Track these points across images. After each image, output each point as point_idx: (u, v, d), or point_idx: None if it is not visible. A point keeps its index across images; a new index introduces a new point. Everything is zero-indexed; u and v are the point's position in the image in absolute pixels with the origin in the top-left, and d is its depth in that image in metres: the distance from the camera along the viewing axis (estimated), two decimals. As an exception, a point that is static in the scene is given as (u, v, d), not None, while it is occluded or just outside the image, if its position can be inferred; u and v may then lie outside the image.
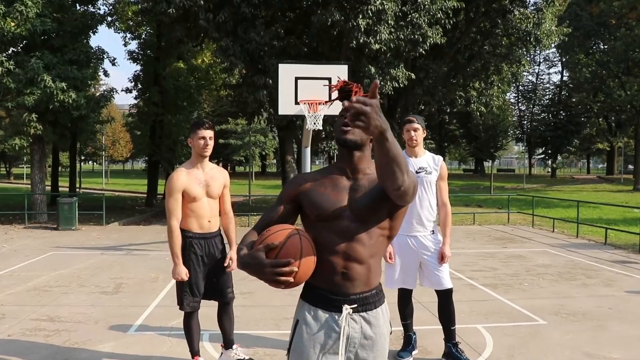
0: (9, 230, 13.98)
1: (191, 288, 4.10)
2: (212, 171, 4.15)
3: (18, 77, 14.38)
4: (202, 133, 3.99)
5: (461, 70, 20.79)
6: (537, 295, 7.00)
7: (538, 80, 57.89)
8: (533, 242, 12.23)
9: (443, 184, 4.52)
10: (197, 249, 4.08)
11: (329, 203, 2.11)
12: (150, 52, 24.68)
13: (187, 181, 4.00)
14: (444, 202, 4.51)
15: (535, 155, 61.39)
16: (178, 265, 4.02)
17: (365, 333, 2.12)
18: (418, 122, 4.42)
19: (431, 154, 4.56)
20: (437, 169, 4.46)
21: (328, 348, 2.11)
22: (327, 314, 2.10)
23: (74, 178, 21.94)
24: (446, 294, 4.45)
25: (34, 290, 7.17)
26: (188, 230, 4.08)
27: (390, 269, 4.51)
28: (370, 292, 2.12)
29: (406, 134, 4.43)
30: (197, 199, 4.03)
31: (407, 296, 4.67)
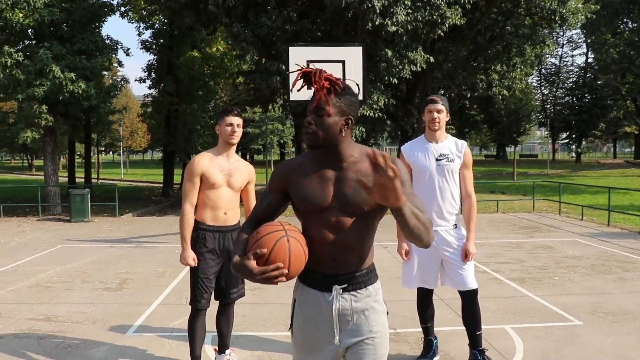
0: (22, 223, 13.79)
1: (202, 282, 3.80)
2: (238, 163, 3.88)
3: (27, 69, 14.12)
4: (230, 120, 3.74)
5: (482, 52, 20.10)
6: (570, 291, 6.47)
7: (561, 62, 56.39)
8: (561, 231, 11.63)
9: (467, 173, 4.02)
10: (210, 242, 3.78)
11: (314, 197, 2.10)
12: (163, 41, 24.35)
13: (208, 165, 3.73)
14: (469, 193, 4.01)
15: (559, 140, 60.06)
16: (185, 250, 3.75)
17: (357, 311, 2.15)
18: (442, 103, 3.93)
19: (454, 138, 4.04)
20: (461, 155, 3.96)
21: (324, 326, 2.17)
22: (319, 293, 2.16)
23: (89, 169, 21.77)
24: (471, 295, 3.96)
25: (36, 287, 6.86)
26: (201, 222, 3.81)
27: (407, 266, 4.06)
28: (360, 272, 2.16)
29: (427, 115, 3.94)
30: (216, 186, 3.74)
31: (428, 297, 4.20)
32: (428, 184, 3.90)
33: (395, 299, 6.05)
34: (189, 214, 3.75)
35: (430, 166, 3.90)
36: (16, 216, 15.24)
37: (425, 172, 3.91)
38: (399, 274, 7.31)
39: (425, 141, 4.01)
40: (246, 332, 5.05)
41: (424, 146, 3.97)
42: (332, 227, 2.09)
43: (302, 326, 2.21)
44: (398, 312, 5.61)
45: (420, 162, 3.93)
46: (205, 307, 3.84)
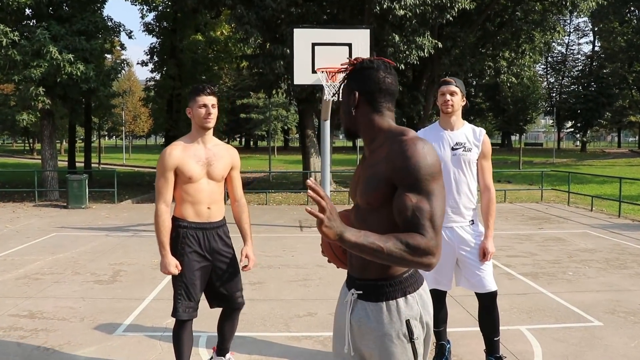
0: (17, 209, 13.48)
1: (186, 289, 3.30)
2: (217, 148, 3.36)
3: (24, 49, 13.72)
4: (203, 100, 3.22)
5: (491, 38, 19.62)
6: (586, 288, 6.13)
7: (568, 50, 55.70)
8: (571, 222, 11.27)
9: (486, 164, 3.65)
10: (193, 241, 3.30)
11: (351, 186, 2.01)
12: (167, 24, 23.91)
13: (182, 157, 3.24)
14: (487, 186, 3.65)
15: (564, 128, 59.48)
16: (164, 257, 3.24)
17: (363, 325, 1.86)
18: (456, 85, 3.55)
19: (471, 125, 3.67)
20: (479, 144, 3.59)
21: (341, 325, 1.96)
22: (345, 289, 1.99)
23: (89, 154, 21.42)
24: (489, 297, 3.59)
25: (24, 279, 6.54)
26: (182, 218, 3.31)
27: None
28: (375, 283, 1.83)
29: (440, 97, 3.57)
30: (193, 180, 3.25)
31: (441, 298, 3.83)
32: (444, 176, 3.51)
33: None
34: (164, 215, 3.25)
35: (445, 156, 3.55)
36: (12, 201, 14.93)
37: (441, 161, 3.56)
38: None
39: (439, 128, 3.64)
40: (243, 332, 4.71)
41: (438, 134, 3.60)
42: (353, 221, 1.92)
43: (335, 316, 2.05)
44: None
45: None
46: (191, 318, 3.37)
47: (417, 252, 1.61)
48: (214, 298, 3.48)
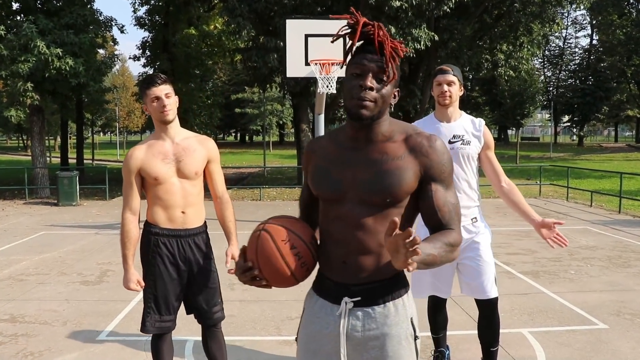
0: (7, 207, 13.22)
1: (157, 303, 3.00)
2: (187, 141, 2.97)
3: (11, 44, 13.43)
4: (154, 92, 2.85)
5: (488, 31, 19.38)
6: (589, 287, 5.93)
7: (565, 44, 55.44)
8: (571, 218, 11.08)
9: (492, 155, 3.34)
10: (166, 250, 2.96)
11: (328, 181, 1.72)
12: (159, 18, 23.56)
13: (144, 157, 2.91)
14: (500, 175, 3.30)
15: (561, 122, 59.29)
16: (126, 272, 2.95)
17: (369, 333, 1.71)
18: (454, 74, 3.24)
19: (470, 116, 3.36)
20: (480, 135, 3.29)
21: (329, 345, 1.75)
22: (328, 305, 1.76)
23: (81, 150, 21.14)
24: (489, 305, 3.30)
25: (8, 280, 6.31)
26: (154, 224, 2.97)
27: (417, 272, 3.41)
28: (379, 283, 1.70)
29: (436, 88, 3.25)
30: (161, 181, 2.90)
31: (441, 305, 3.59)
32: None
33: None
34: (129, 225, 2.94)
35: None
36: (2, 199, 14.67)
37: None
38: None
39: (435, 120, 3.33)
40: (232, 336, 4.49)
41: (434, 126, 3.29)
42: (346, 221, 1.69)
43: (305, 341, 1.83)
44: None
45: None
46: (165, 331, 3.08)
47: (454, 248, 1.63)
48: (191, 307, 3.17)
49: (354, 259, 1.69)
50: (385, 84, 1.64)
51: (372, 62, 1.61)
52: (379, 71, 1.61)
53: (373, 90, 1.62)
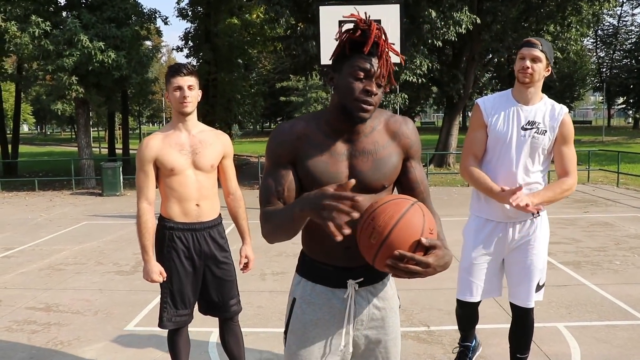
0: (54, 197, 13.66)
1: (173, 297, 2.99)
2: (203, 135, 2.96)
3: (56, 39, 13.79)
4: (177, 82, 2.83)
5: (534, 12, 18.62)
6: (634, 280, 5.62)
7: (620, 22, 53.07)
8: (620, 205, 10.59)
9: (567, 151, 2.91)
10: (181, 244, 2.94)
11: (327, 174, 1.74)
12: (201, 9, 23.79)
13: (161, 147, 2.87)
14: (569, 171, 2.92)
15: (615, 105, 57.01)
16: (147, 263, 2.91)
17: (374, 310, 1.86)
18: (542, 49, 2.81)
19: (552, 102, 2.94)
20: (556, 126, 2.87)
21: (332, 329, 1.83)
22: (329, 290, 1.82)
23: (127, 141, 21.63)
24: (524, 311, 3.06)
25: (47, 269, 6.49)
26: (168, 218, 2.95)
27: (469, 272, 3.05)
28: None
29: (518, 62, 2.85)
30: (177, 172, 2.88)
31: (474, 308, 3.20)
32: (505, 158, 2.89)
33: (430, 287, 5.36)
34: (147, 215, 2.89)
35: (511, 134, 2.87)
36: (52, 189, 15.16)
37: (504, 142, 2.88)
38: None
39: (512, 100, 2.93)
40: (258, 327, 4.47)
41: (509, 106, 2.91)
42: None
43: (302, 331, 1.85)
44: (433, 305, 4.92)
45: (500, 128, 2.89)
46: (182, 325, 3.07)
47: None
48: (206, 306, 3.13)
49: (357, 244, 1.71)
50: (382, 88, 1.72)
51: (374, 67, 1.66)
52: (379, 76, 1.68)
53: (376, 95, 1.69)
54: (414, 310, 4.81)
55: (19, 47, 13.81)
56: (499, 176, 2.90)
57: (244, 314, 4.70)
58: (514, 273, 3.01)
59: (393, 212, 1.55)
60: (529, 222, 2.94)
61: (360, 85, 1.66)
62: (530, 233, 2.95)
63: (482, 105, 2.98)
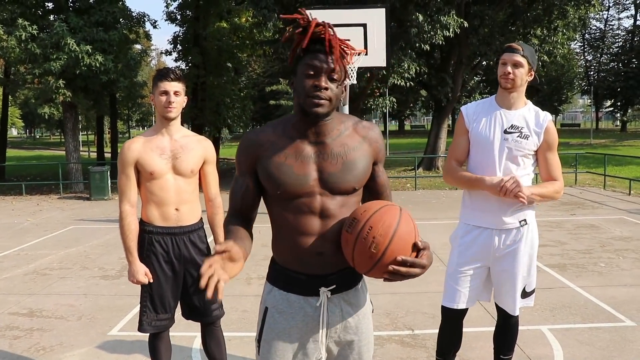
0: (42, 201, 13.55)
1: (153, 301, 2.98)
2: (185, 139, 2.98)
3: (43, 42, 13.72)
4: (164, 86, 2.85)
5: (521, 16, 18.76)
6: (618, 282, 5.66)
7: (607, 26, 53.54)
8: (606, 207, 10.67)
9: (552, 157, 2.91)
10: (160, 248, 2.94)
11: (292, 178, 1.74)
12: (189, 12, 23.74)
13: (142, 150, 2.89)
14: (555, 177, 2.93)
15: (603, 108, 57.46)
16: (132, 264, 2.92)
17: (347, 316, 1.85)
18: (523, 54, 2.82)
19: (536, 108, 2.94)
20: (541, 132, 2.86)
21: (306, 338, 1.83)
22: (302, 299, 1.81)
23: (115, 145, 21.52)
24: (510, 315, 3.06)
25: (32, 274, 6.43)
26: (148, 222, 2.96)
27: (454, 279, 2.98)
28: (350, 269, 1.79)
29: (500, 67, 2.86)
30: (156, 176, 2.89)
31: (459, 318, 3.07)
32: (487, 161, 2.87)
33: (415, 290, 5.38)
34: (129, 217, 2.91)
35: (493, 139, 2.85)
36: (39, 194, 15.05)
37: (486, 146, 2.87)
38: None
39: (494, 104, 2.94)
40: (242, 332, 4.46)
41: (491, 110, 2.92)
42: (317, 214, 1.76)
43: (275, 340, 1.83)
44: (418, 309, 4.93)
45: (481, 132, 2.89)
46: (162, 330, 3.07)
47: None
48: (188, 311, 3.12)
49: (330, 249, 1.76)
50: (337, 82, 1.72)
51: (324, 63, 1.68)
52: (330, 71, 1.69)
53: (327, 89, 1.69)
54: (399, 314, 4.81)
55: (6, 51, 13.74)
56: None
57: (228, 318, 4.70)
58: (500, 281, 2.99)
59: (390, 220, 1.64)
60: (515, 230, 2.91)
61: (310, 82, 1.69)
62: (516, 241, 2.91)
63: (464, 111, 3.00)
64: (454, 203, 11.54)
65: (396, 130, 64.35)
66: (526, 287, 2.99)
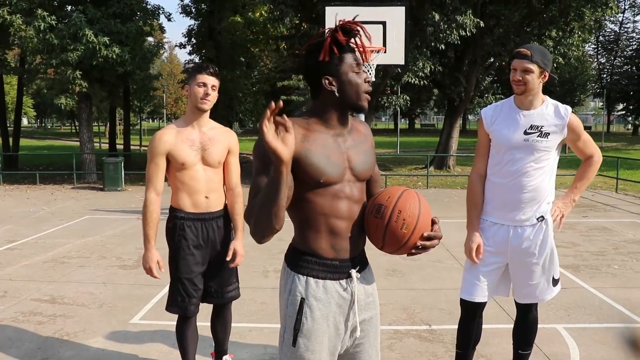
0: (56, 191, 13.70)
1: (183, 285, 3.09)
2: (213, 131, 3.11)
3: (61, 33, 13.83)
4: (203, 78, 2.98)
5: (536, 16, 18.70)
6: (632, 284, 5.69)
7: (622, 29, 53.19)
8: (619, 210, 10.67)
9: (583, 142, 3.01)
10: (191, 233, 3.08)
11: (333, 166, 1.86)
12: (205, 6, 23.83)
13: (174, 142, 3.01)
14: (591, 154, 3.06)
15: (614, 111, 57.16)
16: (148, 250, 3.06)
17: (367, 292, 2.00)
18: (534, 60, 2.83)
19: (555, 103, 2.97)
20: (564, 125, 2.90)
21: (339, 320, 1.92)
22: (336, 283, 1.90)
23: (128, 136, 21.66)
24: (528, 307, 3.15)
25: (51, 262, 6.54)
26: (179, 209, 3.10)
27: (472, 272, 3.06)
28: (363, 250, 2.01)
29: (512, 74, 2.91)
30: (187, 166, 3.03)
31: (477, 312, 3.12)
32: (509, 164, 2.94)
33: (431, 287, 5.44)
34: (153, 205, 3.03)
35: (514, 140, 2.91)
36: (53, 183, 15.21)
37: (507, 148, 2.93)
38: (438, 256, 6.68)
39: (513, 107, 2.98)
40: (262, 323, 4.53)
41: (511, 114, 2.97)
42: (349, 198, 1.89)
43: (314, 328, 1.88)
44: (435, 304, 4.99)
45: (502, 134, 2.95)
46: (192, 314, 3.18)
47: None
48: (204, 294, 3.23)
49: (356, 232, 1.92)
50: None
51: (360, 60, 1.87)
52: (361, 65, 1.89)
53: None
54: (416, 309, 4.87)
55: (24, 41, 13.89)
56: (505, 179, 2.96)
57: (248, 309, 4.79)
58: (520, 276, 3.04)
59: (412, 202, 1.85)
60: (533, 227, 2.96)
61: (361, 77, 1.85)
62: (534, 237, 2.95)
63: (484, 115, 3.08)
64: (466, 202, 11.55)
65: (406, 128, 64.29)
66: (554, 274, 3.05)
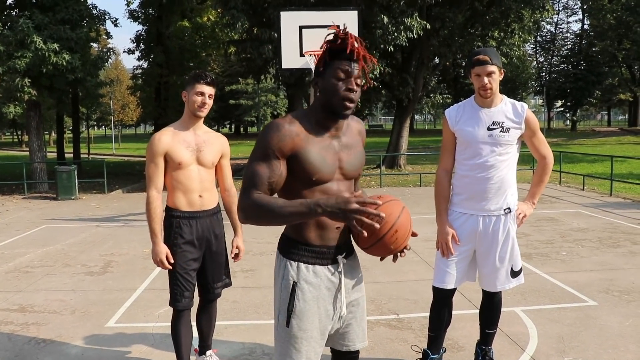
0: (6, 202, 13.33)
1: (182, 278, 3.27)
2: (207, 135, 3.34)
3: (7, 39, 13.46)
4: (201, 88, 3.18)
5: (479, 18, 19.45)
6: (579, 267, 6.13)
7: (557, 29, 55.55)
8: (563, 202, 11.29)
9: (537, 139, 3.27)
10: (186, 230, 3.26)
11: (327, 165, 2.04)
12: (152, 11, 23.57)
13: (171, 143, 3.20)
14: (543, 155, 3.32)
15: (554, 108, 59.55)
16: (156, 245, 3.20)
17: (354, 276, 2.23)
18: (493, 62, 3.08)
19: (512, 101, 3.24)
20: (521, 122, 3.17)
21: (328, 301, 2.12)
22: (325, 268, 2.11)
23: (77, 144, 21.20)
24: (494, 294, 3.42)
25: (14, 272, 6.46)
26: (174, 208, 3.27)
27: (443, 261, 3.29)
28: (349, 238, 2.18)
29: (475, 80, 3.12)
30: (183, 166, 3.21)
31: (449, 297, 3.37)
32: (475, 160, 3.18)
33: (394, 279, 5.71)
34: (156, 202, 3.20)
35: (479, 136, 3.15)
36: (1, 194, 14.76)
37: (473, 143, 3.18)
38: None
39: (475, 106, 3.22)
40: (236, 320, 4.68)
41: (474, 112, 3.20)
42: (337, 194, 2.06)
43: (306, 309, 2.08)
44: (400, 295, 5.25)
45: (467, 132, 3.19)
46: (188, 307, 3.33)
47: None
48: (198, 283, 3.43)
49: (342, 224, 2.09)
50: (360, 87, 2.05)
51: (354, 69, 2.00)
52: (358, 77, 2.02)
53: (355, 92, 2.02)
54: (382, 300, 5.12)
55: (-34, 48, 13.44)
56: (473, 172, 3.21)
57: (220, 308, 4.91)
58: (485, 263, 3.30)
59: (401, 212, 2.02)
60: (499, 217, 3.23)
61: (343, 84, 1.99)
62: (500, 227, 3.23)
63: (448, 115, 3.32)
64: (419, 199, 11.97)
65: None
66: (513, 266, 3.32)
